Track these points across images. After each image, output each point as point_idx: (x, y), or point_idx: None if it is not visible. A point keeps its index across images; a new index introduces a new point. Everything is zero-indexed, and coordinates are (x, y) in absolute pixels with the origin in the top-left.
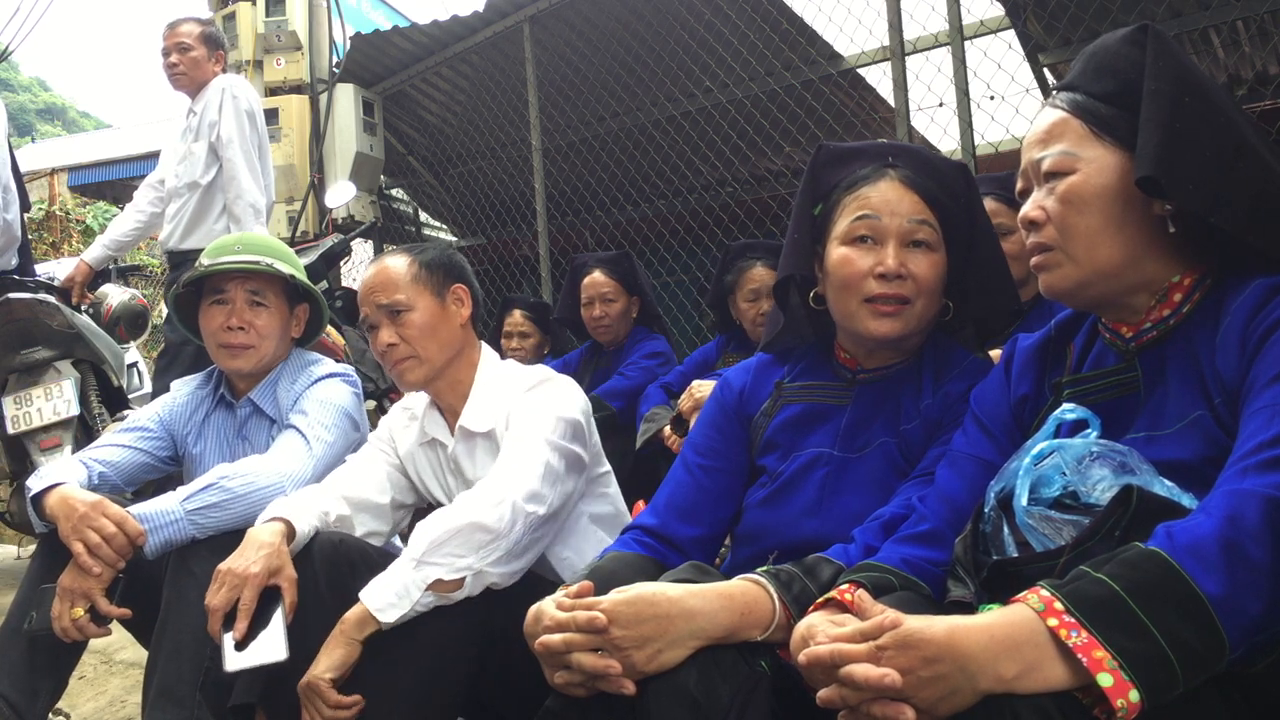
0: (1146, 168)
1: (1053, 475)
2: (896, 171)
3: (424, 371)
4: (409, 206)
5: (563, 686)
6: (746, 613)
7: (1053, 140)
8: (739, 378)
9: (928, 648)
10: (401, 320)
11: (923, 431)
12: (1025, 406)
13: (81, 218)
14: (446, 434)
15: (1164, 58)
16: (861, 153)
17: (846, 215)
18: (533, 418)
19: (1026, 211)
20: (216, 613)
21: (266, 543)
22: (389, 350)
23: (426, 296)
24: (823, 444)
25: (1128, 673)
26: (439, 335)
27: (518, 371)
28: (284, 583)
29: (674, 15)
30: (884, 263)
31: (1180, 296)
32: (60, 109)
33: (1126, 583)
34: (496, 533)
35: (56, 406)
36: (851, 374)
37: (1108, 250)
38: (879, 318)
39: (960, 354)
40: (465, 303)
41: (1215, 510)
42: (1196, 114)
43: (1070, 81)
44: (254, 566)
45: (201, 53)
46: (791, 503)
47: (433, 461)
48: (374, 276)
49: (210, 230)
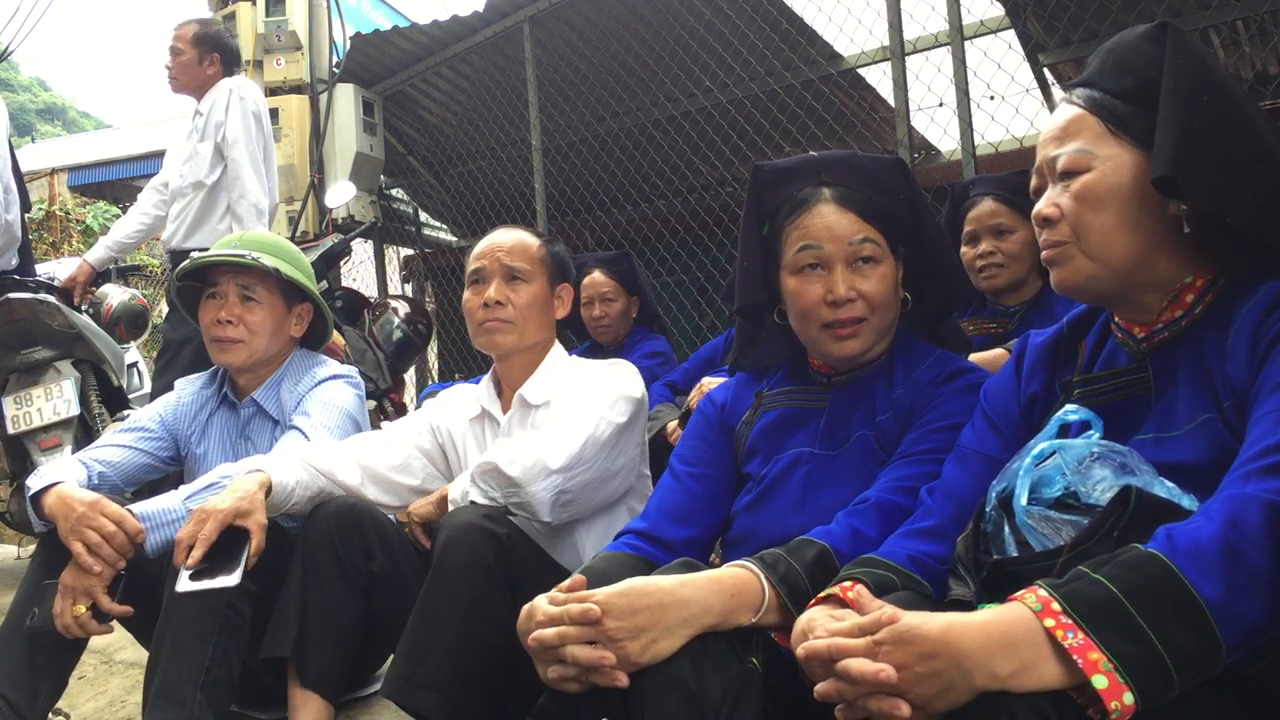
0: (1163, 167)
1: (1054, 475)
2: (831, 190)
3: (514, 340)
4: (409, 206)
5: (556, 682)
6: (737, 594)
7: (1069, 137)
8: (721, 393)
9: (924, 644)
10: (516, 287)
11: (896, 421)
12: (1035, 405)
13: (81, 218)
14: (499, 409)
15: (1183, 56)
16: (796, 170)
17: (791, 245)
18: (593, 388)
19: (1041, 209)
20: (181, 544)
21: (242, 488)
22: (495, 307)
23: (543, 279)
24: (803, 444)
25: (1123, 675)
26: (541, 316)
27: (585, 362)
28: (252, 526)
29: (674, 15)
30: (833, 290)
31: (1192, 297)
32: (60, 109)
33: (1124, 585)
34: (515, 483)
35: (56, 406)
36: (826, 379)
37: (1122, 249)
38: (839, 341)
39: (924, 347)
40: (566, 303)
41: (1216, 514)
42: (1215, 114)
43: (1087, 78)
44: (221, 504)
45: (191, 55)
46: (776, 502)
47: (478, 436)
48: (505, 237)
49: (214, 230)
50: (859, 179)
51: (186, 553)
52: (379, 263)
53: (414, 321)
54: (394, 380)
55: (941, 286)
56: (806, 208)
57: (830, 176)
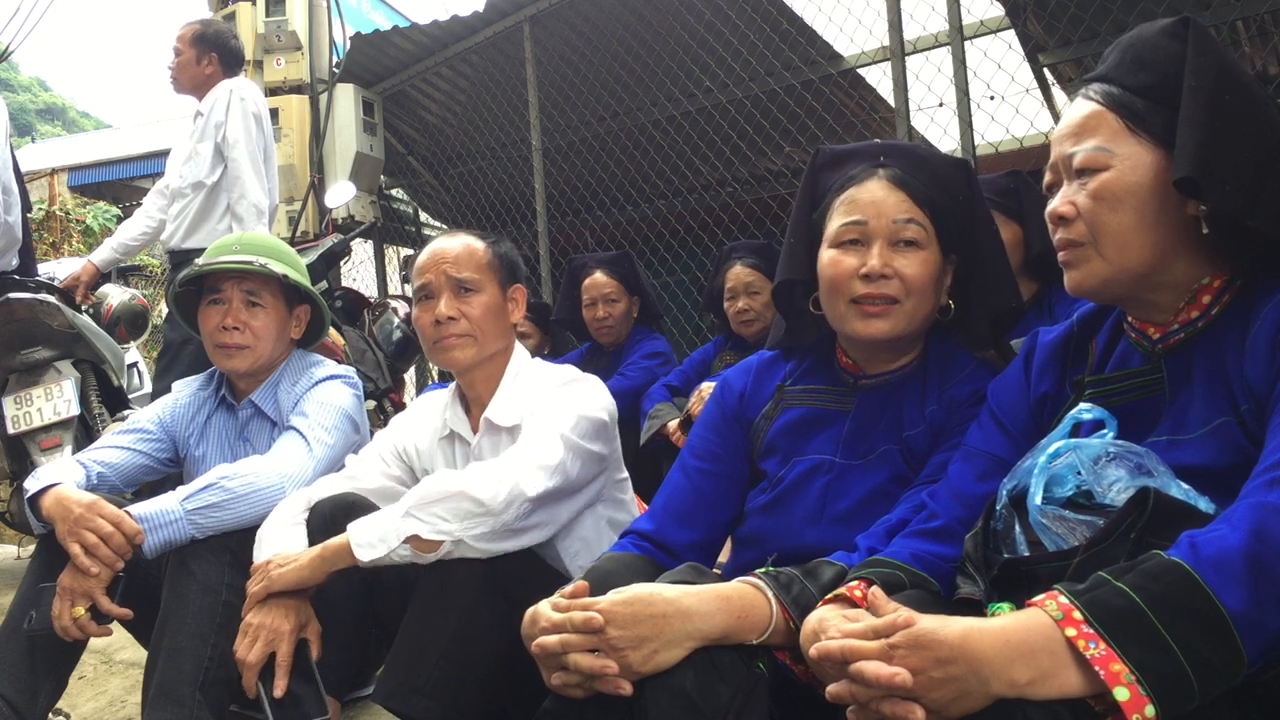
0: (1186, 168)
1: (1067, 474)
2: (885, 170)
3: (475, 353)
4: (409, 206)
5: (560, 688)
6: (743, 615)
7: (1086, 135)
8: (739, 380)
9: (941, 649)
10: (468, 299)
11: (927, 439)
12: (1045, 404)
13: (81, 218)
14: (468, 429)
15: (1206, 53)
16: (857, 154)
17: (836, 218)
18: (554, 412)
19: (1055, 206)
20: (253, 668)
21: (291, 598)
22: (447, 323)
23: (494, 285)
24: (824, 450)
25: (1145, 687)
26: (497, 324)
27: (548, 370)
28: (311, 636)
29: (674, 15)
30: (868, 263)
31: (1209, 299)
32: (60, 109)
33: (1148, 595)
34: (486, 508)
35: (57, 406)
36: (853, 379)
37: (1139, 250)
38: (866, 319)
39: (965, 358)
40: (520, 305)
41: (1240, 523)
42: (1238, 113)
43: (1104, 73)
44: (285, 623)
45: (189, 55)
46: (792, 510)
47: (448, 457)
48: (449, 248)
49: (213, 230)
50: (919, 168)
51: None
52: (379, 263)
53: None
54: (394, 380)
55: (988, 300)
56: (857, 182)
57: (889, 160)
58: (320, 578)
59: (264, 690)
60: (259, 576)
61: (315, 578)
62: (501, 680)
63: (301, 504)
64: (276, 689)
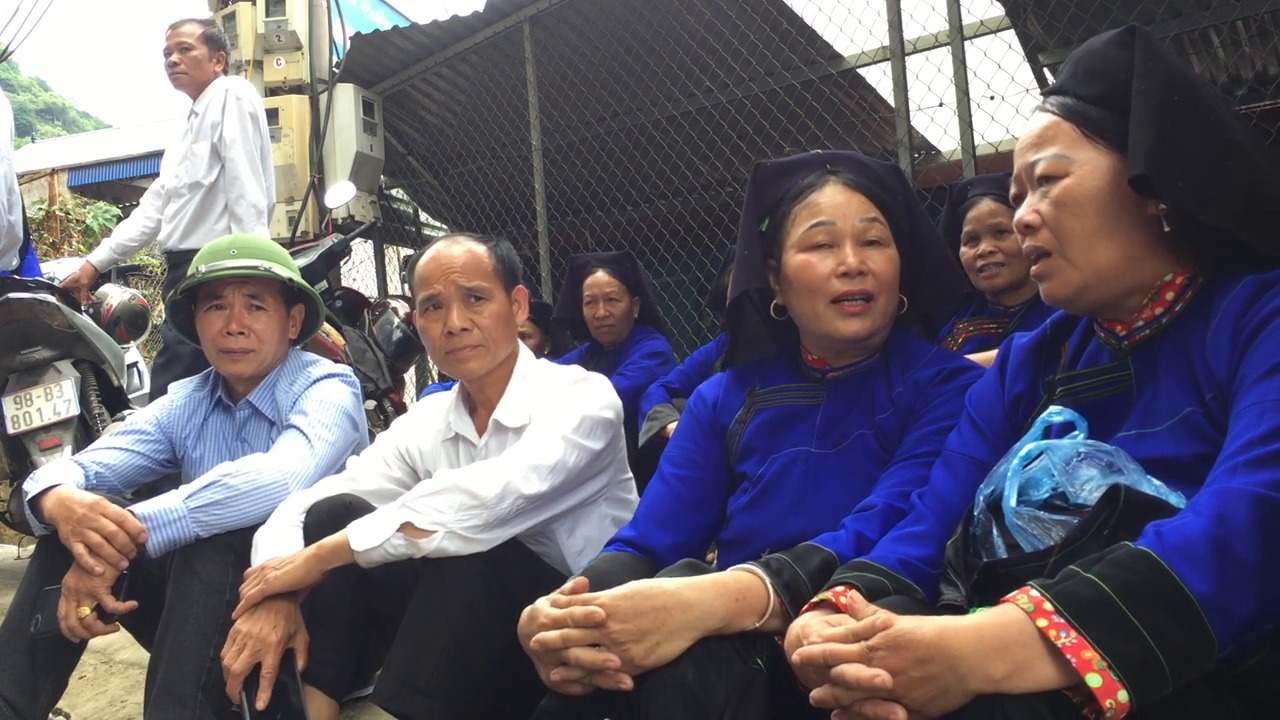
0: (1139, 166)
1: (1041, 477)
2: (839, 176)
3: (488, 362)
4: (409, 206)
5: (559, 685)
6: (741, 598)
7: (1045, 144)
8: (711, 391)
9: (918, 648)
10: (478, 308)
11: (897, 420)
12: (1019, 405)
13: (81, 218)
14: (473, 431)
15: (1152, 58)
16: (801, 165)
17: (800, 224)
18: (558, 412)
19: (1021, 216)
20: (238, 677)
21: (282, 606)
22: (461, 334)
23: (501, 291)
24: (800, 442)
25: (1116, 673)
26: (506, 330)
27: (556, 370)
28: (298, 646)
29: (674, 15)
30: (845, 262)
31: (1173, 295)
32: (60, 109)
33: (1116, 583)
34: (482, 501)
35: (56, 406)
36: (821, 374)
37: (1105, 252)
38: (847, 318)
39: (922, 345)
40: (523, 306)
41: (1204, 509)
42: (1186, 113)
43: (1060, 85)
44: (273, 633)
45: (202, 52)
46: (775, 502)
47: (452, 459)
48: (456, 255)
49: (211, 230)
50: (864, 173)
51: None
52: (379, 263)
53: (414, 321)
54: (394, 380)
55: (938, 290)
56: (815, 188)
57: (837, 167)
58: (316, 577)
59: (246, 700)
60: (255, 579)
61: (310, 577)
62: (502, 680)
63: (299, 507)
64: (259, 700)
